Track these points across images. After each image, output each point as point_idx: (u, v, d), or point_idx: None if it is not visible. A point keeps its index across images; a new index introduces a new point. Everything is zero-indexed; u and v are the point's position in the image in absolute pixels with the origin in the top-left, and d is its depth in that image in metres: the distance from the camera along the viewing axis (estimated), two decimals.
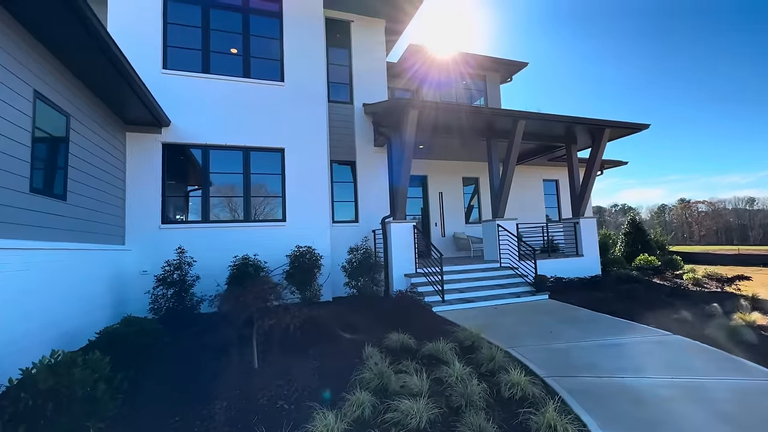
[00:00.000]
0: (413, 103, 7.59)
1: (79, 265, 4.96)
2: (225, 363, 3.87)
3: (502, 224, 8.85)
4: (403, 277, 7.87)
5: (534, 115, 8.64)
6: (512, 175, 8.99)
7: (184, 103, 7.45)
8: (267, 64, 8.29)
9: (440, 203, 12.21)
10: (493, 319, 6.16)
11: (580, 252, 9.81)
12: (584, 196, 9.93)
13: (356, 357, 4.29)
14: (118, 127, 6.78)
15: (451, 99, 12.88)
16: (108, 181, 6.31)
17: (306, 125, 8.26)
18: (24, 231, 3.96)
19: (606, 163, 14.46)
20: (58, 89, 4.73)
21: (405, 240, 8.00)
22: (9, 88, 3.81)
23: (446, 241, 11.98)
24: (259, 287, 3.96)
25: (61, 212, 4.73)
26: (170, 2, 7.72)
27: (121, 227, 6.86)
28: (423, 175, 12.11)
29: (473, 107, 8.29)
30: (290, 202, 8.02)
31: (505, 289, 7.74)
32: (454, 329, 5.18)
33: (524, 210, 12.69)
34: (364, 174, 9.58)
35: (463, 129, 9.21)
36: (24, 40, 4.08)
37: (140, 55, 7.22)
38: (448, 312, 6.56)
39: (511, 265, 8.54)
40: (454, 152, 11.49)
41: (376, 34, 10.13)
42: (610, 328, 5.66)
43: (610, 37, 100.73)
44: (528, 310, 6.75)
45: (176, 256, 6.41)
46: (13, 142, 3.83)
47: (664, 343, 4.97)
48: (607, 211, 73.88)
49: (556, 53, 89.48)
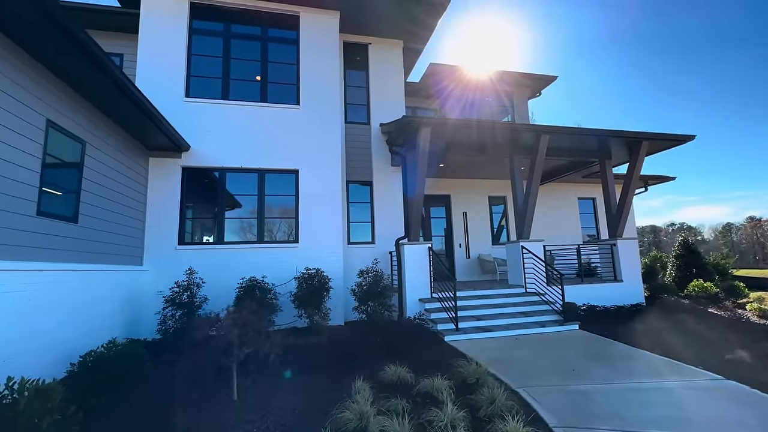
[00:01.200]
0: (425, 120, 7.37)
1: (87, 285, 5.10)
2: (204, 393, 3.70)
3: (526, 246, 8.21)
4: (418, 302, 7.45)
5: (558, 129, 8.08)
6: (536, 193, 8.40)
7: (204, 129, 7.73)
8: (283, 88, 8.49)
9: (464, 223, 11.69)
10: (510, 352, 5.56)
11: (619, 277, 8.84)
12: (621, 214, 9.04)
13: (345, 391, 3.95)
14: (140, 153, 7.13)
15: (475, 116, 12.53)
16: (126, 204, 6.58)
17: (320, 147, 8.28)
18: (28, 253, 4.12)
19: (651, 179, 13.27)
20: (74, 119, 5.01)
21: (419, 263, 7.62)
22: (20, 117, 4.05)
23: (471, 264, 11.38)
24: (238, 314, 3.79)
25: (71, 234, 4.92)
26: (195, 36, 8.20)
27: (140, 248, 7.09)
28: (446, 194, 11.72)
29: (490, 122, 7.91)
30: (303, 223, 7.97)
31: (528, 318, 7.07)
32: (460, 363, 4.69)
33: (557, 231, 11.85)
34: (381, 194, 9.39)
35: (484, 146, 8.82)
36: (41, 76, 4.38)
37: (166, 85, 7.71)
38: (461, 342, 6.04)
39: (537, 291, 7.84)
40: (478, 170, 11.04)
41: (393, 55, 10.14)
42: (647, 367, 4.89)
43: (648, 49, 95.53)
44: (552, 343, 6.06)
45: (186, 277, 6.47)
46: (21, 168, 4.04)
47: (714, 389, 4.17)
48: (663, 230, 68.02)
49: (587, 66, 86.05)
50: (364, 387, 3.94)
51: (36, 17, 3.69)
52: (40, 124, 4.37)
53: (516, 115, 12.87)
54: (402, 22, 9.44)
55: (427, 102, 12.60)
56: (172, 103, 7.63)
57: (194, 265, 6.87)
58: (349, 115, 9.69)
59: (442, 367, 4.65)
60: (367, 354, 5.27)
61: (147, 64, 7.73)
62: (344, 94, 9.67)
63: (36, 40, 4.08)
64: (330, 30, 8.87)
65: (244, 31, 8.57)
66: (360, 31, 9.76)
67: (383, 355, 5.22)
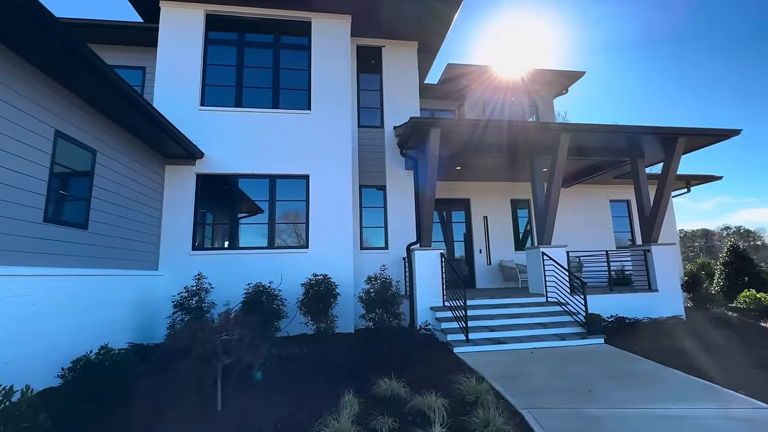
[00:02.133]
0: (434, 121, 7.11)
1: (95, 290, 5.25)
2: (188, 402, 3.63)
3: (547, 252, 7.69)
4: (429, 311, 7.15)
5: (580, 127, 7.53)
6: (557, 196, 7.86)
7: (218, 136, 7.89)
8: (294, 94, 8.53)
9: (485, 228, 11.22)
10: (521, 367, 5.15)
11: (654, 286, 8.08)
12: (656, 217, 8.28)
13: (334, 405, 3.76)
14: (157, 161, 7.36)
15: (497, 117, 12.06)
16: (142, 210, 6.79)
17: (331, 152, 8.23)
18: (33, 258, 4.28)
19: (694, 179, 12.19)
20: (85, 129, 5.22)
21: (431, 269, 7.32)
22: (26, 128, 4.24)
23: (492, 270, 10.88)
24: (224, 321, 3.71)
25: (81, 240, 5.09)
26: (210, 46, 8.43)
27: (155, 253, 7.31)
28: (465, 198, 11.31)
29: (505, 122, 7.49)
30: (313, 228, 7.92)
31: (547, 330, 6.57)
32: (462, 378, 4.36)
33: (588, 236, 11.13)
34: (395, 198, 9.18)
35: (501, 147, 8.41)
36: (53, 90, 4.58)
37: (182, 95, 7.96)
38: (470, 354, 5.69)
39: (559, 300, 7.30)
40: (498, 172, 10.57)
41: (407, 57, 9.95)
42: (678, 390, 4.34)
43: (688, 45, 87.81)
44: (571, 358, 5.56)
45: (195, 282, 6.55)
46: (27, 177, 4.22)
47: (756, 421, 3.60)
48: (716, 234, 62.59)
49: (627, 66, 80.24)
50: (353, 402, 3.73)
51: (52, 45, 3.98)
52: (49, 134, 4.56)
53: (541, 115, 12.26)
54: (416, 22, 9.26)
55: (445, 104, 12.30)
56: (187, 112, 7.87)
57: (207, 269, 6.98)
58: (363, 119, 9.58)
59: (443, 382, 4.37)
60: (367, 365, 5.04)
61: (165, 75, 8.02)
62: (357, 98, 9.59)
63: (52, 64, 4.40)
64: (341, 34, 8.84)
65: (257, 39, 8.71)
66: (373, 34, 9.67)
67: (383, 367, 4.98)
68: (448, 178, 10.79)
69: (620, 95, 79.51)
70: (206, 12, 8.41)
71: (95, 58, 4.28)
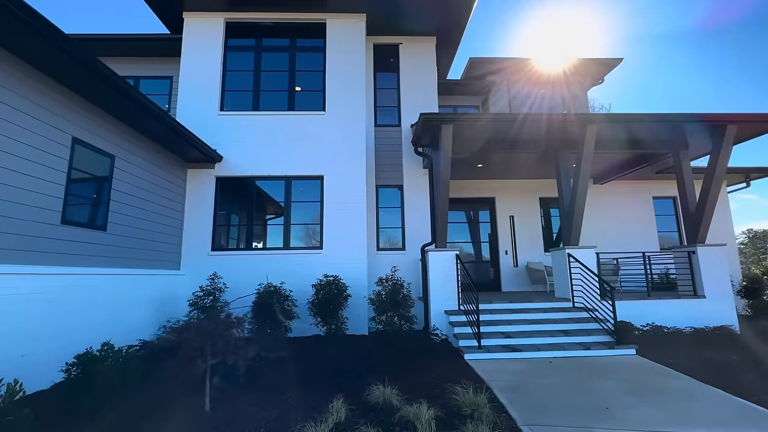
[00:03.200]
0: (446, 117, 6.83)
1: (113, 288, 5.52)
2: (179, 402, 3.67)
3: (573, 253, 7.13)
4: (443, 314, 6.87)
5: (608, 117, 6.90)
6: (584, 192, 7.26)
7: (235, 139, 8.10)
8: (309, 95, 8.59)
9: (511, 228, 10.68)
10: (534, 378, 4.76)
11: (699, 291, 7.24)
12: (703, 215, 7.42)
13: (323, 410, 3.65)
14: (178, 166, 7.68)
15: (525, 111, 11.44)
16: (164, 213, 7.10)
17: (345, 152, 8.18)
18: (50, 258, 4.55)
19: (754, 171, 10.90)
20: (104, 136, 5.51)
21: (445, 271, 7.04)
22: (45, 137, 4.53)
23: (519, 273, 10.32)
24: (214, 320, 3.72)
25: (100, 241, 5.38)
26: (229, 52, 8.69)
27: (177, 254, 7.61)
28: (490, 196, 10.83)
29: (523, 115, 7.00)
30: (327, 229, 7.89)
31: (570, 337, 6.06)
32: (462, 387, 4.09)
33: (628, 236, 10.26)
34: (412, 198, 8.95)
35: (525, 142, 7.92)
36: (71, 101, 4.88)
37: (203, 102, 8.26)
38: (481, 362, 5.36)
39: (586, 306, 6.73)
40: (525, 169, 10.01)
41: (425, 53, 9.69)
42: (715, 411, 3.79)
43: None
44: (593, 370, 5.07)
45: (209, 282, 6.73)
46: (44, 182, 4.50)
47: None
48: None
49: (678, 58, 72.62)
50: (340, 408, 3.60)
51: (76, 69, 4.45)
52: (66, 141, 4.84)
53: (574, 107, 11.47)
54: (433, 16, 9.00)
55: (468, 100, 11.86)
56: (208, 117, 8.17)
57: (224, 269, 7.18)
58: (380, 118, 9.45)
59: (443, 391, 4.12)
60: (368, 369, 4.89)
61: (188, 82, 8.37)
62: (375, 97, 9.48)
63: (74, 81, 4.81)
64: (356, 34, 8.77)
65: (273, 43, 8.87)
66: (390, 31, 9.52)
67: (385, 372, 4.81)
68: (471, 176, 10.40)
69: (671, 86, 72.99)
70: (226, 20, 8.68)
71: (123, 81, 4.87)
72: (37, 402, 3.44)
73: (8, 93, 4.11)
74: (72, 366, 3.72)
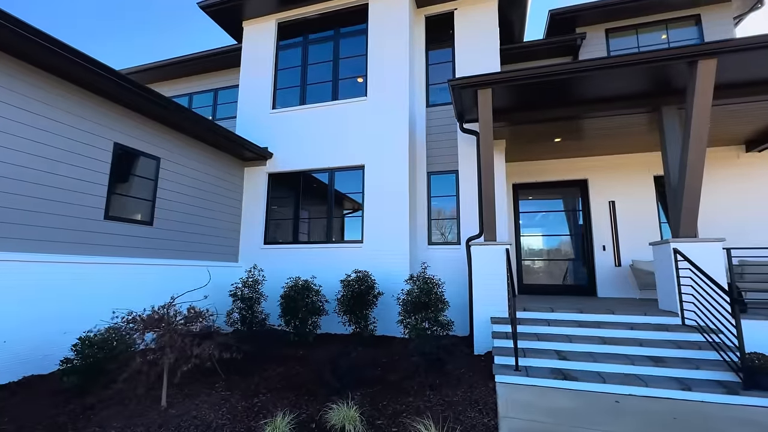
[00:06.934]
0: (481, 78, 5.49)
1: (163, 278, 6.08)
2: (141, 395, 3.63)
3: (681, 249, 5.04)
4: (488, 322, 5.65)
5: (732, 44, 4.55)
6: (700, 163, 5.01)
7: (284, 135, 8.30)
8: (352, 82, 8.25)
9: (611, 218, 8.38)
10: (580, 427, 3.36)
11: None
12: None
13: (266, 425, 3.18)
14: (234, 165, 8.21)
15: None
16: (219, 209, 7.66)
17: (387, 138, 7.57)
18: (95, 249, 5.21)
19: None
20: (149, 141, 6.14)
21: (491, 269, 5.78)
22: (94, 146, 5.22)
23: (621, 274, 8.03)
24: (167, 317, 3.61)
25: (145, 234, 6.00)
26: (280, 52, 8.96)
27: (236, 247, 8.16)
28: (580, 178, 8.72)
29: (593, 61, 5.20)
30: (368, 222, 7.41)
31: (663, 369, 4.22)
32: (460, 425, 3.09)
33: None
34: (468, 185, 7.73)
35: (610, 100, 6.02)
36: (119, 112, 5.54)
37: (258, 102, 8.75)
38: (513, 387, 4.12)
39: (699, 325, 4.66)
40: (628, 141, 7.70)
41: (485, 15, 8.27)
42: None
43: None
44: (689, 424, 3.34)
45: (247, 274, 6.93)
46: (87, 183, 5.16)
47: None
48: None
49: None
50: (283, 427, 3.07)
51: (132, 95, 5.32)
52: (108, 146, 5.49)
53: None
54: None
55: (554, 60, 9.79)
56: (262, 116, 8.60)
57: (273, 262, 7.47)
58: (432, 97, 8.47)
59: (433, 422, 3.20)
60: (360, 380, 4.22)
61: (246, 86, 8.95)
62: (426, 75, 8.53)
63: (127, 101, 5.62)
64: (399, 11, 8.04)
65: (318, 36, 8.79)
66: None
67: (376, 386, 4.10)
68: (552, 155, 8.57)
69: None
70: (277, 20, 8.97)
71: (187, 110, 5.95)
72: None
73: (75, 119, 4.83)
74: (78, 345, 4.09)
